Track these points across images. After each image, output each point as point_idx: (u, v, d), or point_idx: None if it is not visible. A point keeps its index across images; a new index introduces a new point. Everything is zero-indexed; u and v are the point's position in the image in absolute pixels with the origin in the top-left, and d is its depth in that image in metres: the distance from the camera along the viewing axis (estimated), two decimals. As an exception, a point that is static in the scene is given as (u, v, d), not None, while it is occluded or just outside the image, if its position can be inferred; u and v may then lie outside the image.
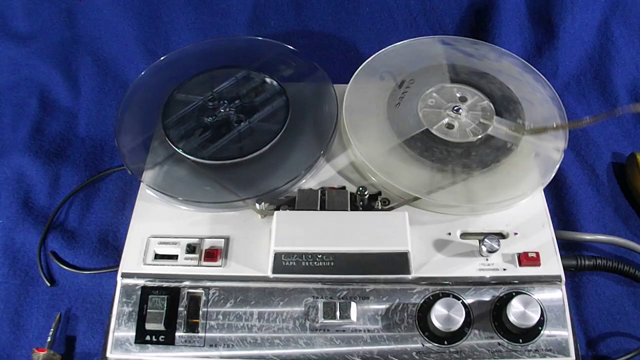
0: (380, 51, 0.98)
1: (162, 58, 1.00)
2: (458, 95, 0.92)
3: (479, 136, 0.87)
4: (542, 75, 0.97)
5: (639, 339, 0.89)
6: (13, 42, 1.24)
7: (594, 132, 1.15)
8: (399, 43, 0.99)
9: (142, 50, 1.23)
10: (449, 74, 0.94)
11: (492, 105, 0.90)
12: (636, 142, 1.14)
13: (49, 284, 0.97)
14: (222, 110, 0.90)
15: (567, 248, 0.96)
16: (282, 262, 0.76)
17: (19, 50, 1.24)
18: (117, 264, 0.79)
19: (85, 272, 0.98)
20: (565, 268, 0.78)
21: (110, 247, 1.01)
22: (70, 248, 1.01)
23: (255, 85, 0.94)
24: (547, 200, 0.87)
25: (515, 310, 0.72)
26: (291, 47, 1.00)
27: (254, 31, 1.10)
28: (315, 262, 0.76)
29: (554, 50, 1.20)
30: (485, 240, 0.76)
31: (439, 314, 0.72)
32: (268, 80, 0.94)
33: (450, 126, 0.88)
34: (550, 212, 0.85)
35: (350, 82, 0.94)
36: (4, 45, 1.24)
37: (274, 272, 0.76)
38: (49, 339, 0.90)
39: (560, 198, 1.05)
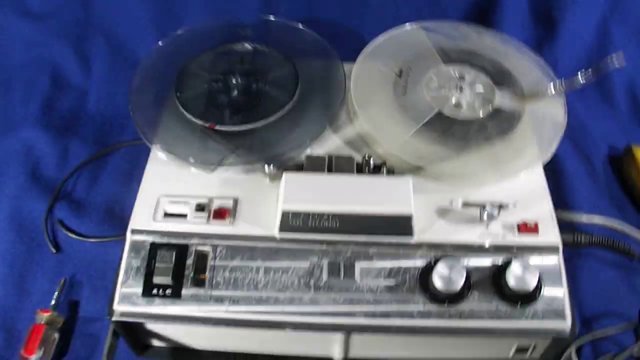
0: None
1: (178, 32, 1.02)
2: (456, 75, 0.94)
3: (484, 111, 0.89)
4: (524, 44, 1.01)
5: (631, 319, 0.91)
6: (27, 21, 1.26)
7: (591, 125, 1.18)
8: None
9: (154, 31, 1.25)
10: (441, 56, 0.96)
11: (489, 78, 0.93)
12: (632, 135, 1.17)
13: (54, 251, 0.99)
14: (234, 81, 0.92)
15: (563, 229, 0.97)
16: (289, 221, 0.77)
17: (33, 29, 1.26)
18: (123, 233, 0.80)
19: (91, 240, 1.00)
20: (563, 243, 0.80)
21: (117, 218, 1.03)
22: (77, 217, 1.03)
23: (267, 59, 0.96)
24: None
25: (515, 274, 0.74)
26: (302, 26, 1.02)
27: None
28: (321, 223, 0.77)
29: (554, 46, 1.23)
30: (486, 207, 0.78)
31: (440, 273, 0.74)
32: (278, 54, 0.96)
33: (457, 104, 0.90)
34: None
35: (358, 60, 0.96)
36: (19, 23, 1.26)
37: (281, 230, 0.77)
38: (52, 302, 0.91)
39: (557, 186, 1.07)
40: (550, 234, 0.80)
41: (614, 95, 1.23)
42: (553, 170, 1.08)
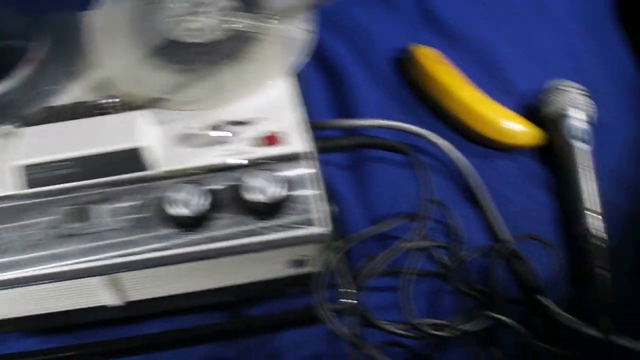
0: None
1: None
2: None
3: (223, 33, 0.87)
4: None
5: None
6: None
7: (372, 29, 1.17)
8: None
9: None
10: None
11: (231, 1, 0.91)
12: (416, 37, 1.16)
13: None
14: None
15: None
16: (26, 175, 0.76)
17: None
18: None
19: None
20: (318, 150, 0.80)
21: None
22: None
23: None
24: (328, 100, 0.88)
25: (258, 186, 0.74)
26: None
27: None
28: (59, 172, 0.76)
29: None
30: (226, 126, 0.78)
31: (182, 199, 0.73)
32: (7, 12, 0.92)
33: (192, 29, 0.88)
34: (332, 109, 0.86)
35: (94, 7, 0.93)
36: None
37: (19, 186, 0.76)
38: None
39: (342, 95, 1.07)
40: (297, 143, 0.79)
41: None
42: (335, 79, 1.08)
